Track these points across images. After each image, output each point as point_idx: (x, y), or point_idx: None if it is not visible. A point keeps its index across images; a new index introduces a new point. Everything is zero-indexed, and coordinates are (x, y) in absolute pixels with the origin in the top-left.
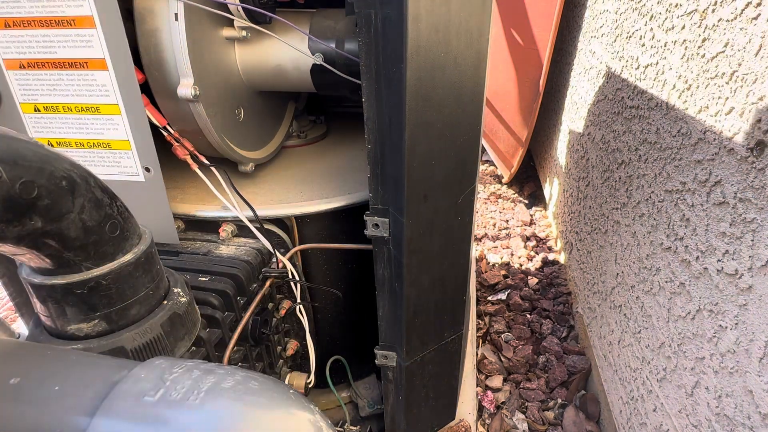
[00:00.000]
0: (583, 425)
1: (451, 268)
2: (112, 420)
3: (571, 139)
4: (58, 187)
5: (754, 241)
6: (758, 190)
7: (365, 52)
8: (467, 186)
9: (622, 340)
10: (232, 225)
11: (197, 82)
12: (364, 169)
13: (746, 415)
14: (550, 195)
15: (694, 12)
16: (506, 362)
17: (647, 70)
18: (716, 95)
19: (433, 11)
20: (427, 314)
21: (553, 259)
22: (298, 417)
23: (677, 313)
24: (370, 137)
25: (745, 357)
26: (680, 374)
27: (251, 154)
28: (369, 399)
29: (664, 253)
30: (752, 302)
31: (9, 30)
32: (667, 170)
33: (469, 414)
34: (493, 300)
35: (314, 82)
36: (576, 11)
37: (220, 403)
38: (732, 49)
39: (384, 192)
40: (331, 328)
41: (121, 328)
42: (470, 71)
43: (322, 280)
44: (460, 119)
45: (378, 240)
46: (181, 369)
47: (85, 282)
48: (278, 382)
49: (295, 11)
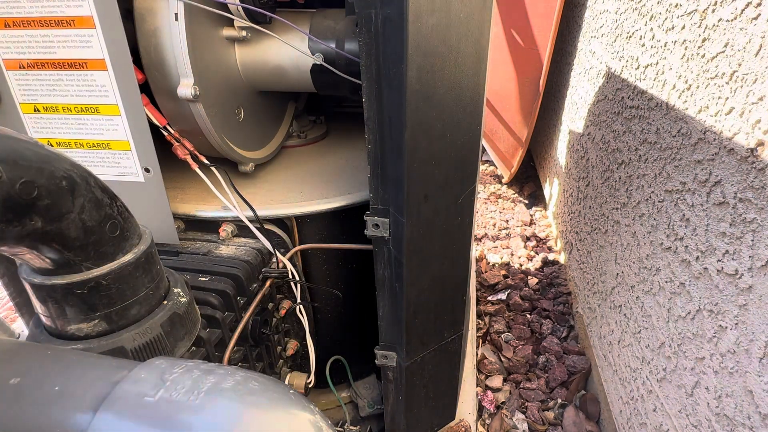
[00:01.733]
0: (583, 425)
1: (451, 268)
2: (113, 420)
3: (571, 139)
4: (58, 187)
5: (754, 241)
6: (758, 190)
7: (365, 52)
8: (467, 186)
9: (622, 340)
10: (232, 225)
11: (197, 82)
12: (364, 169)
13: (746, 415)
14: (550, 195)
15: (694, 12)
16: (506, 362)
17: (647, 70)
18: (716, 95)
19: (434, 11)
20: (427, 314)
21: (553, 259)
22: (298, 417)
23: (677, 313)
24: (371, 137)
25: (745, 357)
26: (680, 374)
27: (251, 154)
28: (369, 399)
29: (664, 253)
30: (752, 302)
31: (9, 30)
32: (667, 170)
33: (469, 414)
34: (493, 300)
35: (314, 82)
36: (576, 11)
37: (220, 403)
38: (732, 49)
39: (384, 192)
40: (331, 328)
41: (121, 328)
42: (470, 71)
43: (322, 280)
44: (460, 119)
45: (378, 240)
46: (181, 369)
47: (85, 282)
48: (278, 383)
49: (295, 11)
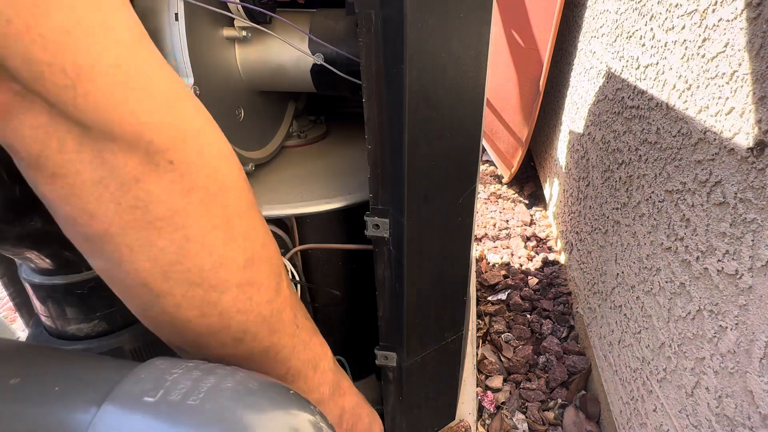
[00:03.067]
0: (583, 425)
1: (452, 269)
2: (112, 420)
3: (571, 139)
4: None
5: (754, 242)
6: (758, 190)
7: (365, 53)
8: (468, 186)
9: (622, 340)
10: None
11: (197, 82)
12: (364, 169)
13: (746, 415)
14: (550, 195)
15: (694, 12)
16: (506, 362)
17: (647, 70)
18: (716, 95)
19: (434, 12)
20: (427, 315)
21: (553, 259)
22: (298, 417)
23: (677, 314)
24: (371, 138)
25: (745, 357)
26: (680, 374)
27: (251, 154)
28: (369, 399)
29: (665, 254)
30: (752, 302)
31: None
32: (668, 170)
33: (469, 414)
34: (493, 300)
35: (314, 82)
36: (576, 11)
37: (221, 403)
38: (732, 49)
39: (384, 192)
40: (331, 328)
41: (121, 329)
42: (471, 71)
43: (322, 280)
44: (460, 119)
45: (378, 240)
46: (181, 369)
47: (85, 282)
48: (278, 383)
49: (295, 11)
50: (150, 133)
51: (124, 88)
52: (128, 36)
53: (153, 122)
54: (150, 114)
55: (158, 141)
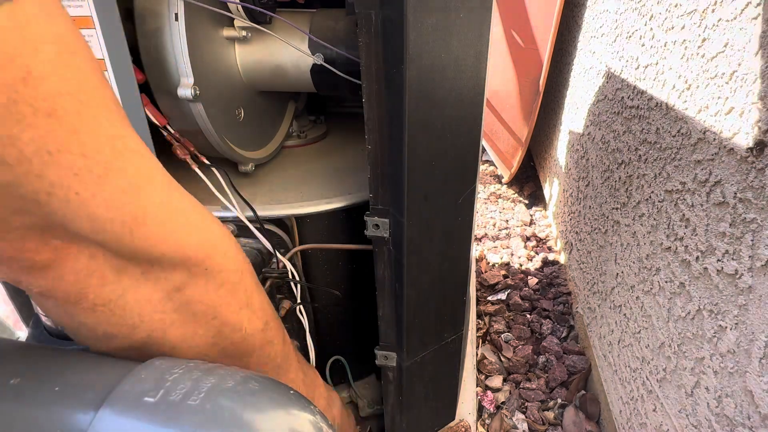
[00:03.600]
0: (583, 425)
1: (451, 269)
2: (113, 420)
3: (571, 139)
4: None
5: (753, 242)
6: (758, 190)
7: (365, 53)
8: (467, 186)
9: (621, 340)
10: (232, 225)
11: (197, 82)
12: (364, 169)
13: (746, 415)
14: (550, 195)
15: (694, 12)
16: (506, 362)
17: (647, 70)
18: (716, 95)
19: (434, 12)
20: (427, 314)
21: (553, 259)
22: (298, 417)
23: (677, 314)
24: (371, 138)
25: (745, 357)
26: (680, 374)
27: (251, 154)
28: (369, 399)
29: (664, 253)
30: (752, 302)
31: None
32: (667, 170)
33: (469, 414)
34: (493, 300)
35: (314, 82)
36: (576, 11)
37: (221, 403)
38: (732, 49)
39: (384, 192)
40: (331, 328)
41: None
42: (471, 71)
43: (322, 280)
44: (460, 119)
45: (378, 240)
46: (181, 369)
47: None
48: (279, 383)
49: (295, 11)
50: (190, 251)
51: (169, 222)
52: (163, 178)
53: (191, 243)
54: (189, 236)
55: (196, 256)
